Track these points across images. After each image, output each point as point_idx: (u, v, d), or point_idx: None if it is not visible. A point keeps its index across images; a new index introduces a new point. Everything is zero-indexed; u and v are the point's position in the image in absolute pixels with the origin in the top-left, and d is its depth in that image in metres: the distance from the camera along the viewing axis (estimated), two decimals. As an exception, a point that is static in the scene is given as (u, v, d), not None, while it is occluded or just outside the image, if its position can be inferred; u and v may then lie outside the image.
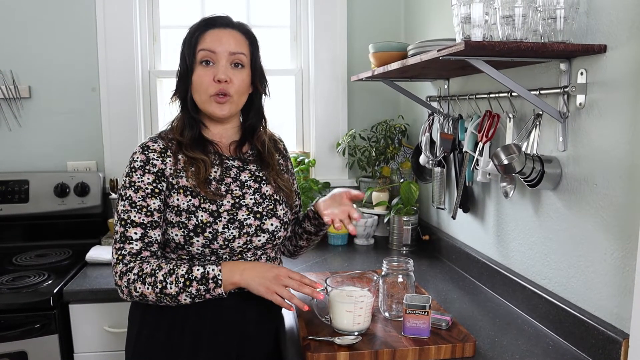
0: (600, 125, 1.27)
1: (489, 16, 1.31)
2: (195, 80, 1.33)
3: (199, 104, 1.36)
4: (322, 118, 2.65)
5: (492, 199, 1.80)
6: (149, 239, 1.27)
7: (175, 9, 2.60)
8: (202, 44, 1.33)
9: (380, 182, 2.52)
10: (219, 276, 1.22)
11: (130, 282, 1.23)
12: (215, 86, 1.32)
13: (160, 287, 1.21)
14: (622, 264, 1.21)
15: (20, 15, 2.39)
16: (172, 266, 1.24)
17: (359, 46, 2.61)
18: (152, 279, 1.22)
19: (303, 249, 1.59)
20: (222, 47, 1.33)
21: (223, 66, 1.33)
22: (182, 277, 1.22)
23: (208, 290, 1.22)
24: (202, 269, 1.23)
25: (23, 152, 2.45)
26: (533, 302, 1.52)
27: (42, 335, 1.78)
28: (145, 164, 1.29)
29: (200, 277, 1.22)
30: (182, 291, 1.21)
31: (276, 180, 1.43)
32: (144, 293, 1.22)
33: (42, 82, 2.44)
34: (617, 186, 1.22)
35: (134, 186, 1.28)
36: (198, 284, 1.22)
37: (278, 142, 1.56)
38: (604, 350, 1.23)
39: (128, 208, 1.27)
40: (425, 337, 1.31)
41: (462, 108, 1.96)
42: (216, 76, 1.32)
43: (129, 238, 1.26)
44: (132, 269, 1.24)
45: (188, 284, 1.21)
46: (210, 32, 1.34)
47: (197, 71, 1.33)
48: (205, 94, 1.33)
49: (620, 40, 1.20)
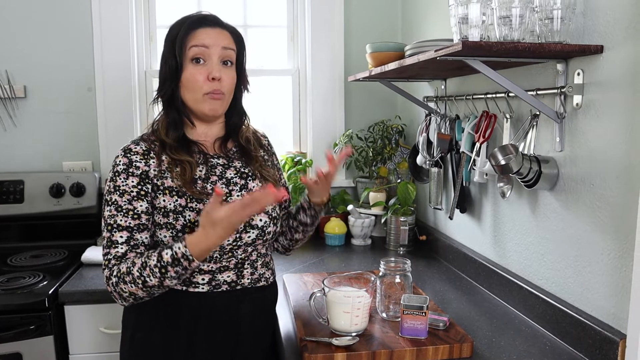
0: (597, 125, 1.27)
1: (486, 16, 1.31)
2: (187, 79, 1.31)
3: (191, 103, 1.34)
4: (319, 118, 2.65)
5: (489, 199, 1.80)
6: (134, 241, 1.26)
7: (171, 9, 2.59)
8: (193, 40, 1.31)
9: (378, 182, 2.51)
10: (187, 252, 1.17)
11: (114, 285, 1.22)
12: (210, 84, 1.31)
13: (141, 282, 1.19)
14: (619, 264, 1.21)
15: (15, 14, 2.38)
16: (144, 258, 1.21)
17: (356, 46, 2.61)
18: (130, 277, 1.20)
19: (299, 242, 1.57)
20: (214, 42, 1.31)
21: (216, 63, 1.31)
22: (156, 267, 1.19)
23: (185, 268, 1.19)
24: (170, 250, 1.19)
25: (18, 152, 2.44)
26: (530, 302, 1.52)
27: (37, 336, 1.77)
28: (128, 166, 1.28)
29: (171, 261, 1.18)
30: (164, 279, 1.19)
31: (261, 172, 1.42)
32: (132, 292, 1.21)
33: (37, 82, 2.42)
34: (614, 186, 1.22)
35: (119, 190, 1.26)
36: (172, 267, 1.18)
37: (261, 138, 1.55)
38: (601, 351, 1.23)
39: (114, 212, 1.26)
40: (423, 337, 1.31)
41: (459, 108, 1.97)
42: (210, 74, 1.30)
43: (114, 242, 1.25)
44: (113, 272, 1.23)
45: (164, 271, 1.18)
46: (200, 30, 1.32)
47: (188, 69, 1.31)
48: (199, 93, 1.31)
49: (616, 41, 1.20)
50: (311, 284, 1.74)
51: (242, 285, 1.34)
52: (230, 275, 1.32)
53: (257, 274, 1.37)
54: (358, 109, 2.69)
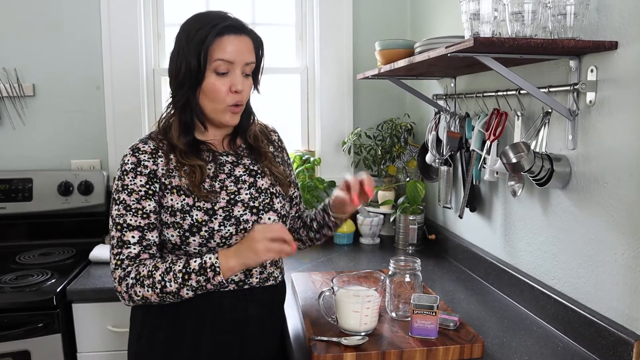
0: (611, 123, 1.25)
1: (498, 12, 1.29)
2: (209, 89, 1.28)
3: (210, 111, 1.31)
4: (327, 116, 2.63)
5: (500, 198, 1.78)
6: (147, 241, 1.26)
7: (179, 7, 2.58)
8: (219, 52, 1.26)
9: (386, 181, 2.50)
10: (216, 264, 1.20)
11: (129, 286, 1.22)
12: (233, 97, 1.30)
13: (160, 287, 1.20)
14: (634, 263, 1.19)
15: (24, 13, 2.38)
16: (169, 264, 1.22)
17: (364, 44, 2.59)
18: (150, 281, 1.20)
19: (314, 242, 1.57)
20: (239, 57, 1.29)
21: (239, 76, 1.30)
22: (180, 273, 1.20)
23: (208, 279, 1.20)
24: (200, 259, 1.21)
25: (27, 150, 2.44)
26: (542, 302, 1.50)
27: (46, 334, 1.77)
28: (137, 166, 1.27)
29: (198, 269, 1.20)
30: (183, 286, 1.20)
31: (270, 168, 1.40)
32: (145, 296, 1.21)
33: (46, 81, 2.43)
34: (628, 185, 1.20)
35: (127, 189, 1.26)
36: (197, 275, 1.20)
37: (271, 133, 1.52)
38: (615, 352, 1.21)
39: (123, 212, 1.25)
40: (433, 337, 1.30)
41: (469, 106, 1.95)
42: (233, 87, 1.28)
43: (126, 242, 1.24)
44: (129, 273, 1.22)
45: (187, 277, 1.20)
46: (226, 40, 1.27)
47: (210, 79, 1.27)
48: (222, 104, 1.30)
49: (631, 37, 1.18)
50: (320, 282, 1.73)
51: (250, 284, 1.33)
52: (238, 274, 1.31)
53: (265, 273, 1.36)
54: (367, 107, 2.68)
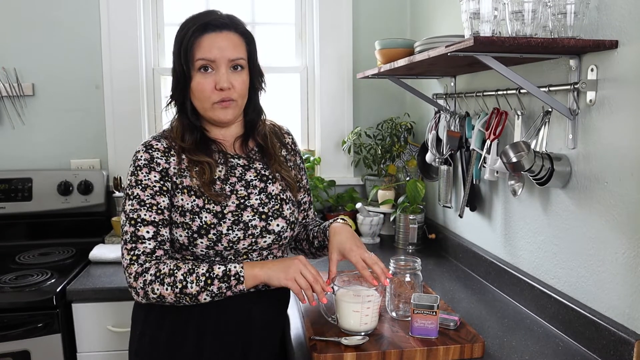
0: (611, 122, 1.25)
1: (498, 12, 1.29)
2: (196, 88, 1.28)
3: (201, 111, 1.32)
4: (327, 116, 2.63)
5: (500, 198, 1.78)
6: (161, 237, 1.26)
7: (179, 6, 2.58)
8: (199, 51, 1.26)
9: (386, 180, 2.50)
10: (241, 272, 1.21)
11: (146, 283, 1.21)
12: (218, 94, 1.28)
13: (180, 287, 1.19)
14: (634, 263, 1.19)
15: (23, 13, 2.37)
16: (192, 266, 1.22)
17: (364, 43, 2.59)
18: (171, 279, 1.20)
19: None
20: (221, 54, 1.27)
21: (224, 73, 1.27)
22: (203, 276, 1.20)
23: (229, 287, 1.21)
24: (224, 267, 1.22)
25: (26, 150, 2.44)
26: (542, 301, 1.50)
27: (45, 334, 1.77)
28: (150, 162, 1.27)
29: (222, 275, 1.20)
30: (203, 290, 1.20)
31: (279, 170, 1.39)
32: (163, 294, 1.20)
33: (45, 80, 2.42)
34: (629, 184, 1.20)
35: (141, 184, 1.26)
36: (220, 281, 1.20)
37: (285, 135, 1.51)
38: (616, 352, 1.21)
39: (137, 207, 1.25)
40: (433, 337, 1.29)
41: (469, 105, 1.95)
42: (218, 84, 1.27)
43: (141, 237, 1.24)
44: (148, 270, 1.21)
45: (209, 282, 1.20)
46: (206, 38, 1.27)
47: (196, 78, 1.28)
48: (208, 102, 1.29)
49: (632, 36, 1.18)
50: (320, 282, 1.72)
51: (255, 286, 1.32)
52: None
53: None
54: (367, 106, 2.68)
